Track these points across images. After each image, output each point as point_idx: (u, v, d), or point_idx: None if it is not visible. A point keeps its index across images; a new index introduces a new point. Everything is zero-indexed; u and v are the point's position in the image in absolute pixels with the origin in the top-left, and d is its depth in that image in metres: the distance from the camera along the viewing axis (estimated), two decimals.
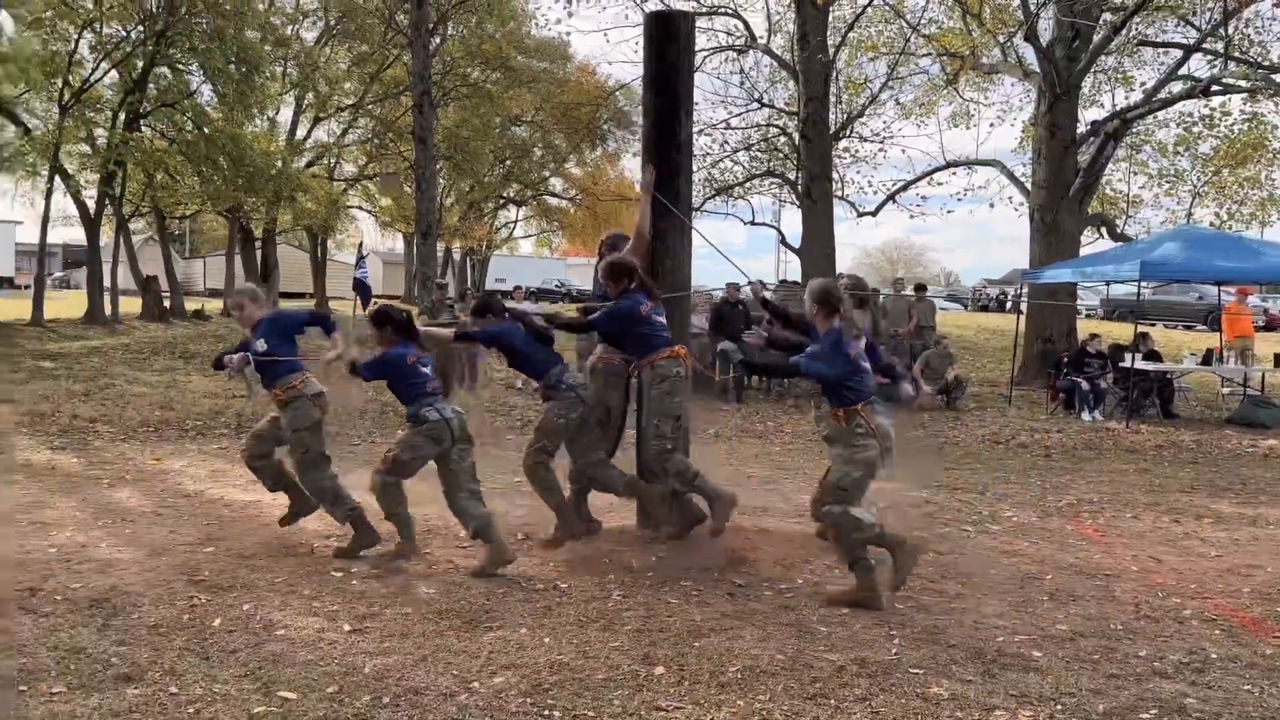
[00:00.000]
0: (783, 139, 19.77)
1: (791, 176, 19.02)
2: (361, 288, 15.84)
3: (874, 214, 18.88)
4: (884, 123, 28.14)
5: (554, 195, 37.81)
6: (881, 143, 19.56)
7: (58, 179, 21.25)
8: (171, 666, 3.64)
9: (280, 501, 5.68)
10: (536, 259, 54.91)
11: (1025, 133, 18.68)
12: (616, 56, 62.67)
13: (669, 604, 4.50)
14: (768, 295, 5.86)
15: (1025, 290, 16.08)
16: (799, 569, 5.15)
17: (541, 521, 6.01)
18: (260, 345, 5.21)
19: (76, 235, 40.75)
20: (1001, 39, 16.72)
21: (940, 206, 34.85)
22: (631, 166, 39.12)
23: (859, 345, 4.75)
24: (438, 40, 23.73)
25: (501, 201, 37.51)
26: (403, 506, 5.24)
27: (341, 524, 5.34)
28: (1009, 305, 34.14)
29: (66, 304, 25.52)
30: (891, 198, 18.75)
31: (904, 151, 20.23)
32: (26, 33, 20.85)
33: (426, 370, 5.30)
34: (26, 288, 34.81)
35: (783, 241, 18.90)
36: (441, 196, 30.37)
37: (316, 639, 3.95)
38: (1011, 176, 17.67)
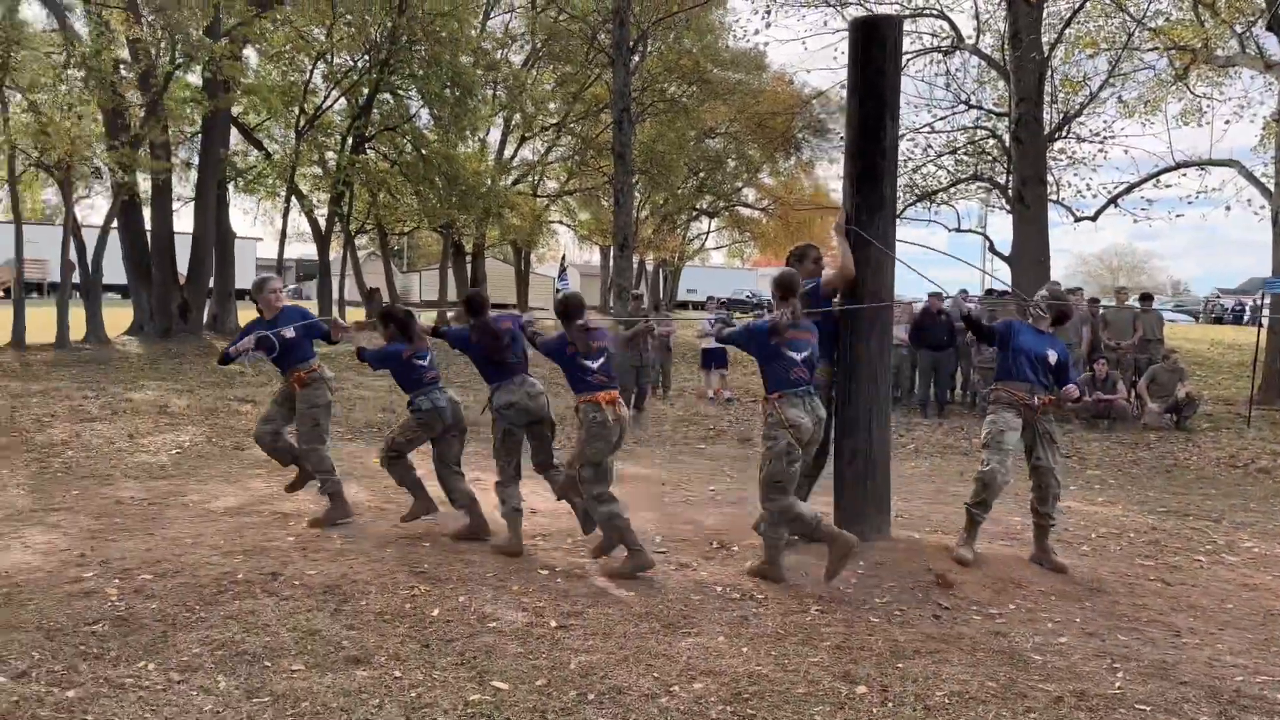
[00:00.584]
0: (991, 141, 18.90)
1: (1001, 180, 18.15)
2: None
3: (1093, 219, 17.67)
4: (1104, 122, 26.29)
5: (746, 206, 37.81)
6: (1102, 143, 18.29)
7: (293, 198, 23.28)
8: (395, 652, 3.89)
9: (491, 501, 5.96)
10: (728, 269, 55.03)
11: (1266, 130, 16.99)
12: (814, 64, 61.89)
13: (870, 622, 4.39)
14: (970, 307, 5.67)
15: (1266, 301, 14.62)
16: (1010, 594, 4.90)
17: (735, 530, 6.03)
18: (289, 332, 6.07)
19: (308, 250, 44.43)
20: (1239, 29, 15.31)
21: (1168, 210, 32.39)
22: (826, 175, 38.53)
23: (799, 334, 4.90)
24: (637, 58, 24.29)
25: (694, 213, 37.88)
26: (411, 473, 6.03)
27: (322, 495, 6.18)
28: (1247, 318, 31.20)
29: None
30: (1113, 201, 17.50)
31: (1127, 152, 19.00)
32: (268, 65, 23.01)
33: (423, 363, 5.92)
34: None
35: (991, 249, 18.02)
36: (637, 210, 31.04)
37: (525, 633, 4.13)
38: (1250, 177, 16.11)
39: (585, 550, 5.46)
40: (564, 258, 18.17)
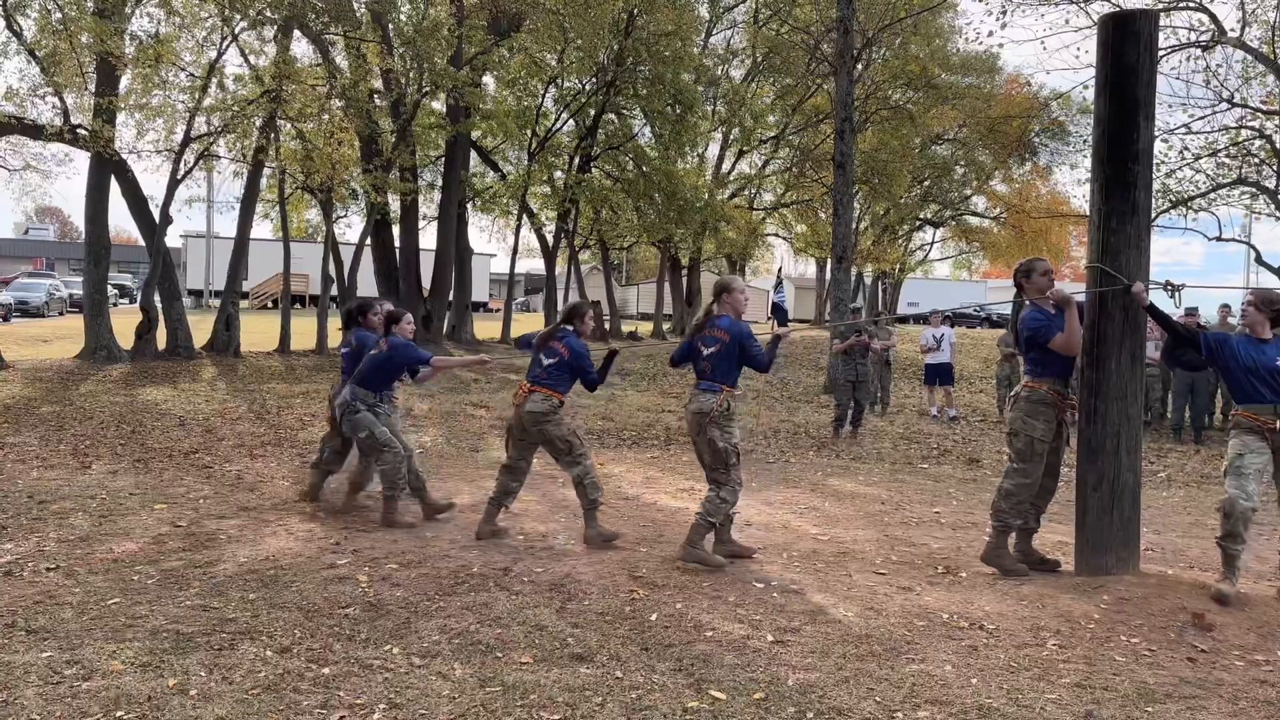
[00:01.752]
0: (1258, 142, 17.12)
1: (1270, 185, 16.40)
2: (779, 310, 16.33)
3: None
4: None
5: (975, 214, 36.18)
6: None
7: (524, 216, 24.52)
8: (617, 652, 4.00)
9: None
10: (953, 281, 52.84)
11: None
12: (1053, 64, 58.35)
13: (1114, 661, 4.07)
14: (1150, 301, 5.11)
15: None
16: (1278, 639, 4.39)
17: (962, 555, 5.76)
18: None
19: (536, 265, 46.66)
20: None
21: None
22: (1064, 181, 36.20)
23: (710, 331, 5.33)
24: (861, 65, 23.85)
25: (918, 223, 36.66)
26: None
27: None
28: None
29: (526, 325, 29.21)
30: None
31: None
32: (504, 91, 24.39)
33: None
34: (497, 311, 40.50)
35: (1258, 259, 16.30)
36: (856, 221, 30.42)
37: (742, 644, 4.12)
38: None
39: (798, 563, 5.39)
40: (779, 270, 18.04)
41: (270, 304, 41.48)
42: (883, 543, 6.20)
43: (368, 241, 20.31)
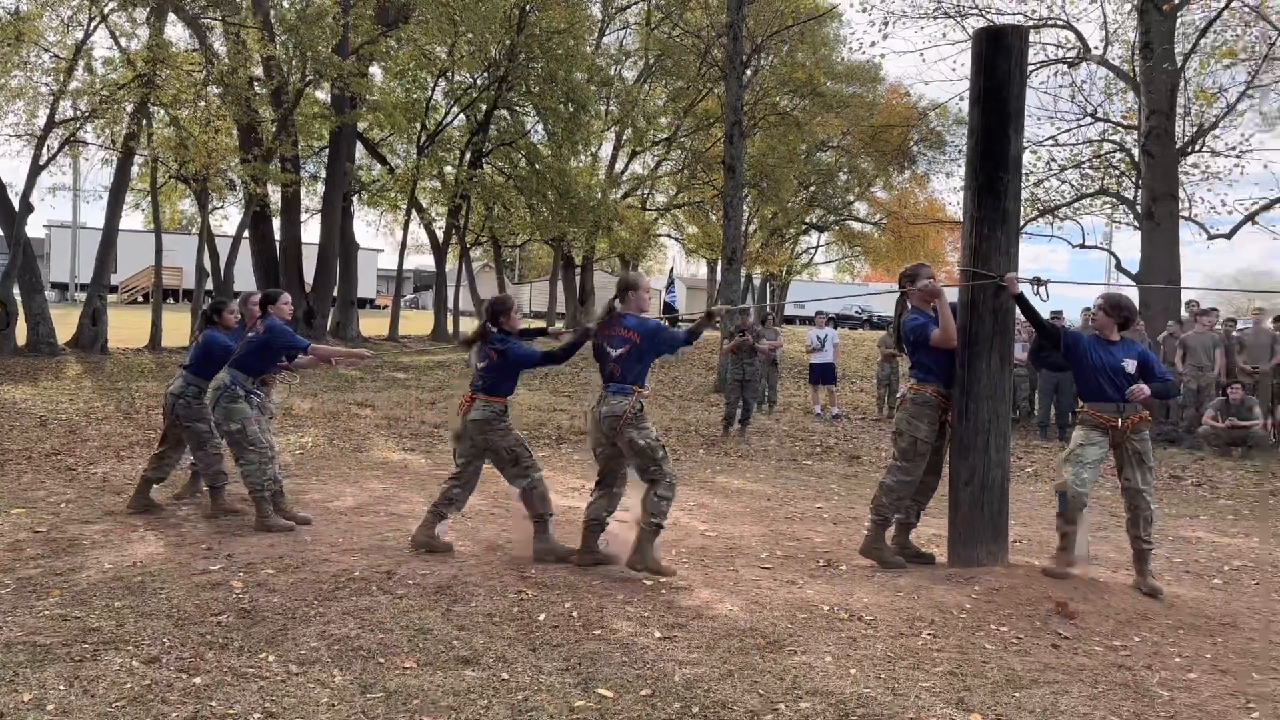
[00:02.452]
0: (1118, 155, 18.17)
1: (1129, 195, 17.42)
2: (670, 310, 16.49)
3: (1228, 236, 16.80)
4: (1242, 135, 24.97)
5: (858, 220, 37.29)
6: (1239, 157, 17.39)
7: (413, 211, 24.07)
8: (503, 654, 3.96)
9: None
10: (836, 284, 54.29)
11: None
12: (931, 76, 60.67)
13: (984, 649, 4.25)
14: (1023, 291, 5.39)
15: None
16: (1135, 626, 4.66)
17: (843, 549, 5.93)
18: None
19: (426, 261, 45.83)
20: None
21: None
22: (941, 188, 37.62)
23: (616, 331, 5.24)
24: (750, 72, 24.26)
25: (804, 227, 37.54)
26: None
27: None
28: None
29: (416, 323, 28.70)
30: (1251, 218, 16.58)
31: (1266, 166, 17.83)
32: (392, 82, 23.89)
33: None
34: (384, 308, 39.64)
35: (1118, 266, 17.29)
36: (746, 223, 30.95)
37: (630, 642, 4.14)
38: None
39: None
40: (672, 270, 18.22)
41: (141, 298, 39.61)
42: (768, 538, 6.32)
43: (246, 234, 19.59)
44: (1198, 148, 16.96)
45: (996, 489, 5.42)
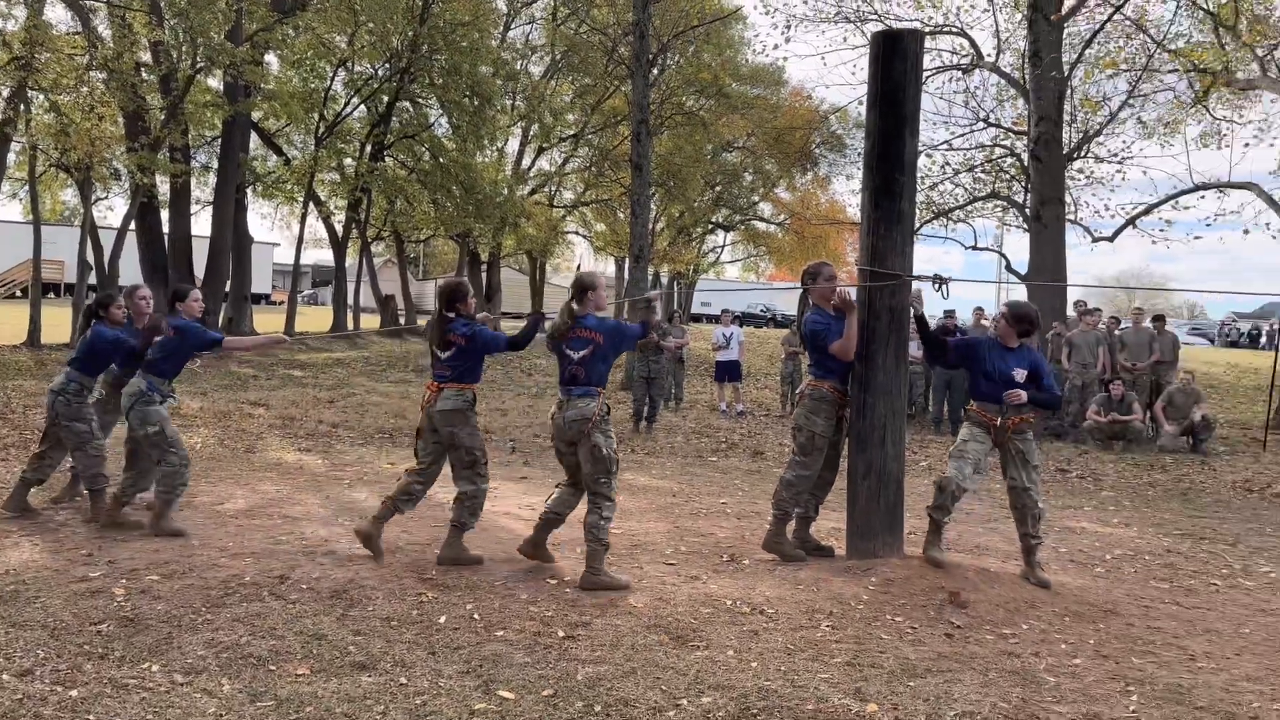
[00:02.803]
0: (1009, 160, 18.88)
1: (1019, 199, 18.11)
2: None
3: (1110, 239, 17.63)
4: (1124, 142, 26.27)
5: (762, 220, 37.83)
6: (1120, 164, 18.27)
7: (311, 204, 23.41)
8: (401, 658, 3.87)
9: (498, 509, 5.94)
10: (742, 283, 55.00)
11: None
12: (832, 79, 61.98)
13: (881, 639, 4.34)
14: (922, 311, 5.60)
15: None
16: (1024, 614, 4.83)
17: (746, 543, 5.99)
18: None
19: (324, 256, 44.69)
20: (1261, 52, 15.24)
21: (1187, 232, 32.16)
22: (842, 190, 38.43)
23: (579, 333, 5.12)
24: (656, 71, 24.35)
25: (710, 226, 37.91)
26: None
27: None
28: (1263, 341, 30.96)
29: (314, 319, 27.96)
30: (1131, 222, 17.44)
31: (1145, 173, 18.79)
32: (289, 71, 23.19)
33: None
34: (280, 303, 38.48)
35: (1008, 267, 17.96)
36: (653, 221, 31.07)
37: (533, 642, 4.09)
38: (1270, 201, 16.02)
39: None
40: (579, 268, 18.13)
41: (19, 293, 37.56)
42: (673, 534, 6.34)
43: (132, 226, 18.75)
44: (1083, 154, 17.74)
45: (893, 482, 5.55)
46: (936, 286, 5.69)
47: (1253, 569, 6.25)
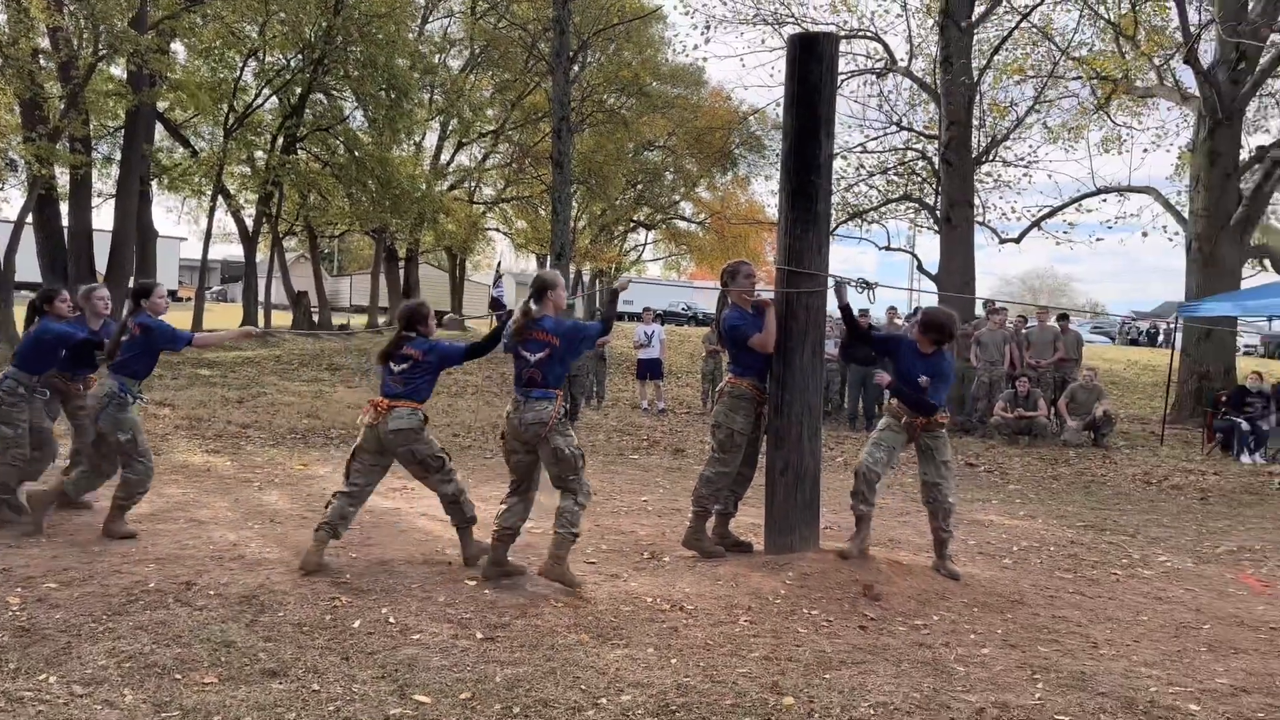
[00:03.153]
0: (921, 163, 19.35)
1: (930, 201, 18.58)
2: (498, 306, 16.30)
3: (1017, 241, 18.21)
4: (1030, 147, 27.20)
5: (683, 219, 38.06)
6: (1027, 167, 18.91)
7: (220, 198, 22.70)
8: (314, 664, 3.77)
9: (416, 510, 5.85)
10: (664, 282, 55.25)
11: (1182, 159, 17.74)
12: (751, 81, 62.64)
13: (798, 633, 4.41)
14: (849, 302, 5.73)
15: (1179, 325, 15.19)
16: (935, 605, 4.96)
17: (667, 541, 6.01)
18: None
19: (234, 251, 43.42)
20: (1158, 61, 15.94)
21: (1089, 235, 33.37)
22: (761, 190, 38.88)
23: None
24: (577, 68, 24.27)
25: (632, 225, 37.99)
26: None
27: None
28: (1160, 339, 32.37)
29: (223, 316, 27.16)
30: (1036, 224, 18.06)
31: (1050, 177, 19.55)
32: (197, 61, 22.44)
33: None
34: (188, 300, 37.24)
35: (919, 268, 18.42)
36: (575, 219, 30.99)
37: (450, 645, 4.04)
38: (1167, 205, 16.77)
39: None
40: (499, 265, 17.98)
41: None
42: (594, 533, 6.33)
43: (29, 219, 17.92)
44: (991, 157, 18.29)
45: (809, 478, 5.64)
46: (862, 289, 5.80)
47: (1150, 559, 6.52)
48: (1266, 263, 16.76)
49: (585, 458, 5.12)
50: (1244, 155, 14.97)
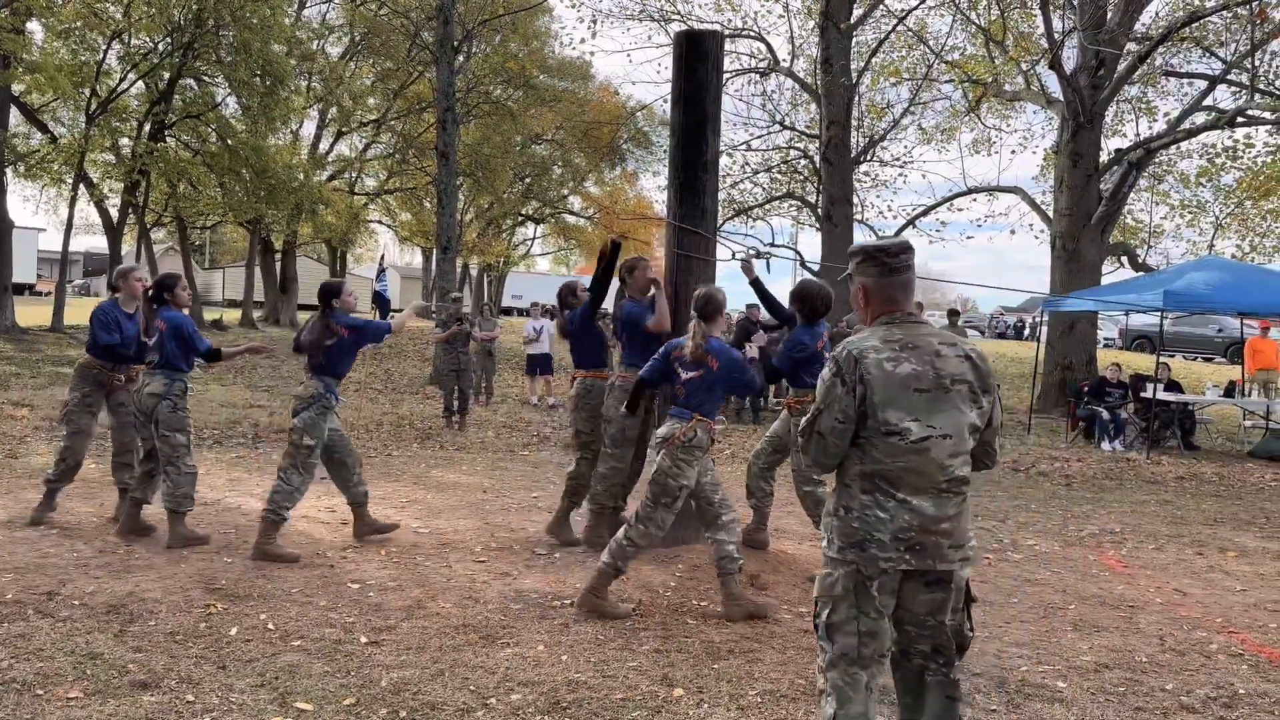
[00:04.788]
0: (803, 162, 19.82)
1: (811, 199, 19.04)
2: (381, 300, 15.91)
3: (894, 238, 18.86)
4: (905, 148, 28.22)
5: (572, 213, 37.97)
6: (902, 167, 19.60)
7: (82, 187, 21.47)
8: (188, 674, 3.61)
9: (295, 512, 5.66)
10: (553, 276, 55.09)
11: (1047, 160, 18.66)
12: (639, 77, 62.95)
13: (687, 624, 4.45)
14: (759, 275, 5.81)
15: (1045, 318, 15.99)
16: None
17: (555, 539, 5.99)
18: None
19: (98, 243, 41.16)
20: (1025, 66, 16.73)
21: (960, 232, 34.87)
22: (649, 186, 39.15)
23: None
24: (462, 58, 23.89)
25: (520, 218, 37.68)
26: None
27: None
28: (1027, 333, 33.99)
29: (86, 311, 25.66)
30: (911, 222, 18.74)
31: (924, 176, 20.37)
32: (56, 42, 21.12)
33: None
34: (47, 294, 35.12)
35: (802, 264, 18.88)
36: (461, 212, 30.53)
37: (333, 650, 3.93)
38: (1033, 204, 17.62)
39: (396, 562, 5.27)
40: (383, 258, 17.59)
41: None
42: (483, 531, 6.26)
43: None
44: (869, 157, 18.87)
45: None
46: (753, 257, 5.91)
47: (1020, 543, 6.84)
48: (1125, 259, 17.80)
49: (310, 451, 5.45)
50: (1104, 157, 15.85)
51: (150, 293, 5.62)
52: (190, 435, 5.59)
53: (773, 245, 20.04)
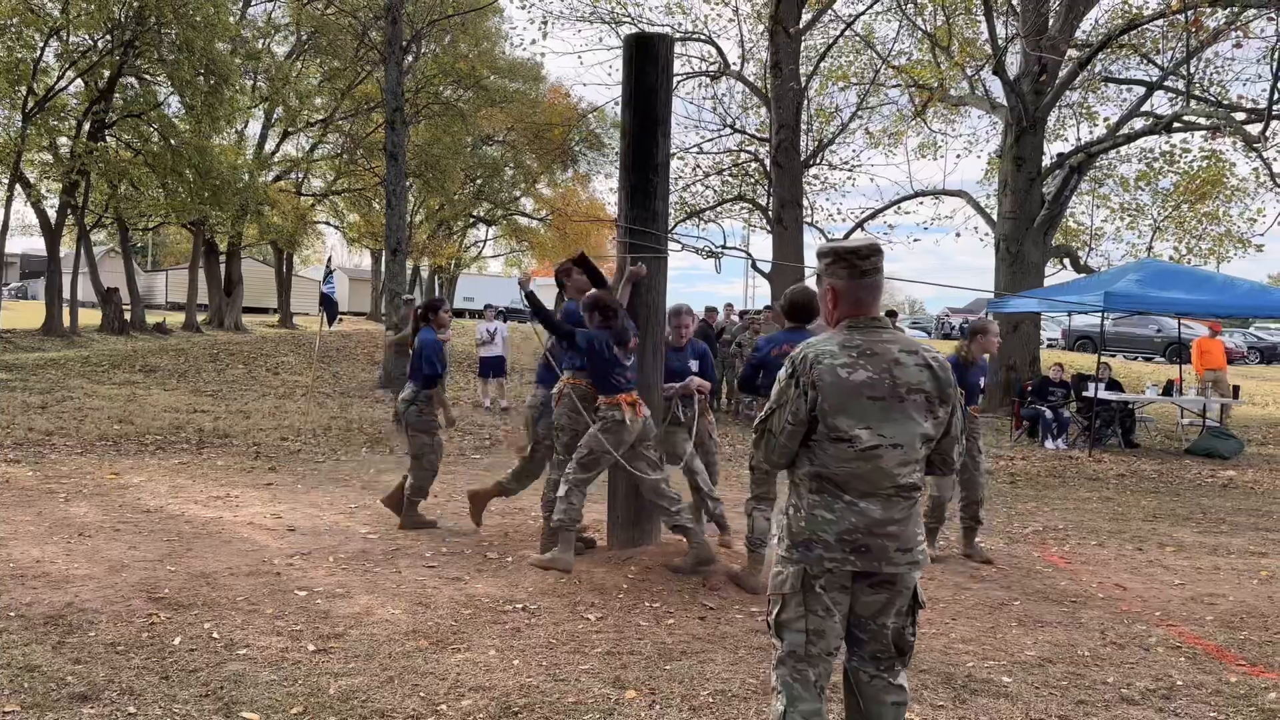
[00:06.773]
0: (754, 165, 19.96)
1: (762, 202, 19.19)
2: (328, 303, 15.69)
3: (863, 240, 19.08)
4: (853, 151, 28.47)
5: (524, 215, 37.80)
6: (850, 171, 19.82)
7: (18, 187, 20.90)
8: (130, 686, 3.53)
9: (240, 518, 5.57)
10: (505, 279, 54.81)
11: (991, 164, 19.02)
12: (590, 79, 62.93)
13: (639, 626, 4.46)
14: (532, 288, 5.69)
15: (990, 318, 16.27)
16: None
17: (508, 541, 5.96)
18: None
19: (35, 245, 40.11)
20: (969, 72, 17.02)
21: (907, 235, 35.43)
22: (601, 188, 39.12)
23: None
24: (411, 58, 23.69)
25: (471, 220, 37.43)
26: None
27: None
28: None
29: (23, 315, 25.07)
30: (860, 225, 18.96)
31: (872, 180, 20.75)
32: None
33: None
34: None
35: (753, 266, 19.01)
36: (411, 214, 30.24)
37: (280, 659, 3.86)
38: (978, 207, 17.94)
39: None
40: (330, 260, 17.34)
41: None
42: (434, 536, 6.21)
43: None
44: (818, 161, 19.07)
45: None
46: (706, 257, 5.98)
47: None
48: (1067, 261, 18.19)
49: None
50: (1046, 161, 16.19)
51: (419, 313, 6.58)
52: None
53: (725, 247, 20.15)
